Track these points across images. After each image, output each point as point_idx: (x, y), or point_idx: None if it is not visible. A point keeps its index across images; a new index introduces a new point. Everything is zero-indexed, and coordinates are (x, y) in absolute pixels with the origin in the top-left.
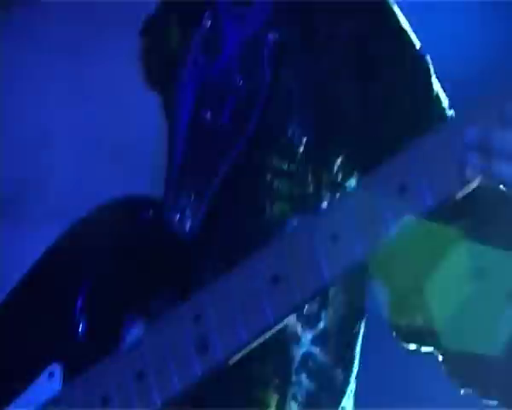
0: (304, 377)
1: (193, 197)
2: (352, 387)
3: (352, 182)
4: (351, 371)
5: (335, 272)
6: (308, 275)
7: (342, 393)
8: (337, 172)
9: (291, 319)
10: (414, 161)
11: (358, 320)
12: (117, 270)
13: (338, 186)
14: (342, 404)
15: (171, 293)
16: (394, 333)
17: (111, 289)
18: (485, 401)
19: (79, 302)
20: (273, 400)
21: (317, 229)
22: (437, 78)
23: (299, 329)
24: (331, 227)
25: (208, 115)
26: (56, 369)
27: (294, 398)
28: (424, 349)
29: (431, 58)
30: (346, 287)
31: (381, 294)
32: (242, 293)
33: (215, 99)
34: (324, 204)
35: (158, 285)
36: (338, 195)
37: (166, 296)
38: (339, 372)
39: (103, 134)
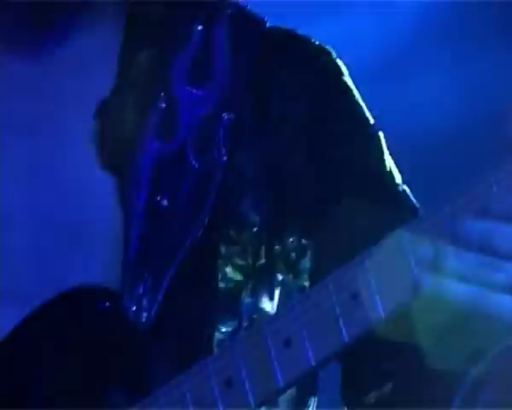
0: None
1: (149, 287)
2: None
3: (305, 262)
4: None
5: (289, 377)
6: (262, 380)
7: None
8: (290, 251)
9: None
10: (367, 269)
11: (310, 397)
12: (72, 364)
13: (292, 265)
14: None
15: (127, 386)
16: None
17: (66, 384)
18: None
19: (35, 398)
20: None
21: (270, 333)
22: (390, 153)
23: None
24: (284, 332)
25: (164, 200)
26: None
27: None
28: None
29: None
30: None
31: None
32: (196, 395)
33: (171, 182)
34: (275, 309)
35: (114, 378)
36: (293, 299)
37: (123, 390)
38: None
39: (59, 216)
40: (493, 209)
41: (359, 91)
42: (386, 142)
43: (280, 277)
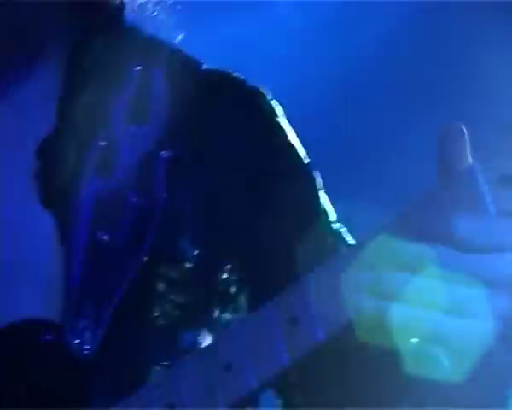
0: None
1: (92, 321)
2: None
3: (243, 297)
4: None
5: (230, 401)
6: (204, 404)
7: None
8: (228, 285)
9: None
10: (305, 294)
11: None
12: (14, 396)
13: (230, 299)
14: None
15: None
16: None
17: None
18: None
19: None
20: None
21: (211, 358)
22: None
23: None
24: (225, 356)
25: (105, 235)
26: None
27: None
28: None
29: None
30: None
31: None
32: None
33: (111, 219)
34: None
35: None
36: (231, 324)
37: None
38: None
39: (1, 253)
40: (433, 229)
41: (297, 130)
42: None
43: (218, 312)
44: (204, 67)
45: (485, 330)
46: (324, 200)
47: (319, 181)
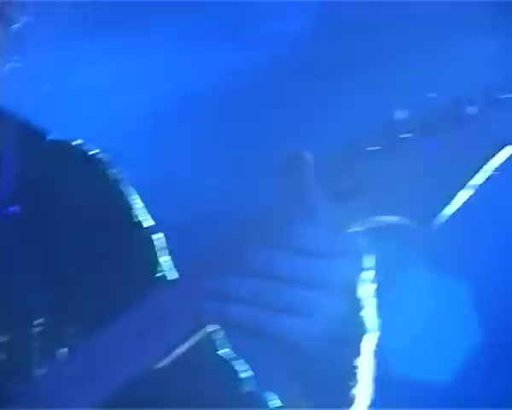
0: None
1: None
2: None
3: None
4: None
5: None
6: None
7: None
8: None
9: None
10: (151, 309)
11: None
12: None
13: None
14: None
15: None
16: None
17: None
18: None
19: None
20: None
21: (62, 374)
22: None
23: None
24: (76, 372)
25: None
26: None
27: None
28: None
29: None
30: None
31: None
32: None
33: None
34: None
35: None
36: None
37: None
38: None
39: None
40: (275, 239)
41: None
42: None
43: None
44: (50, 136)
45: (317, 330)
46: (167, 261)
47: (160, 242)
